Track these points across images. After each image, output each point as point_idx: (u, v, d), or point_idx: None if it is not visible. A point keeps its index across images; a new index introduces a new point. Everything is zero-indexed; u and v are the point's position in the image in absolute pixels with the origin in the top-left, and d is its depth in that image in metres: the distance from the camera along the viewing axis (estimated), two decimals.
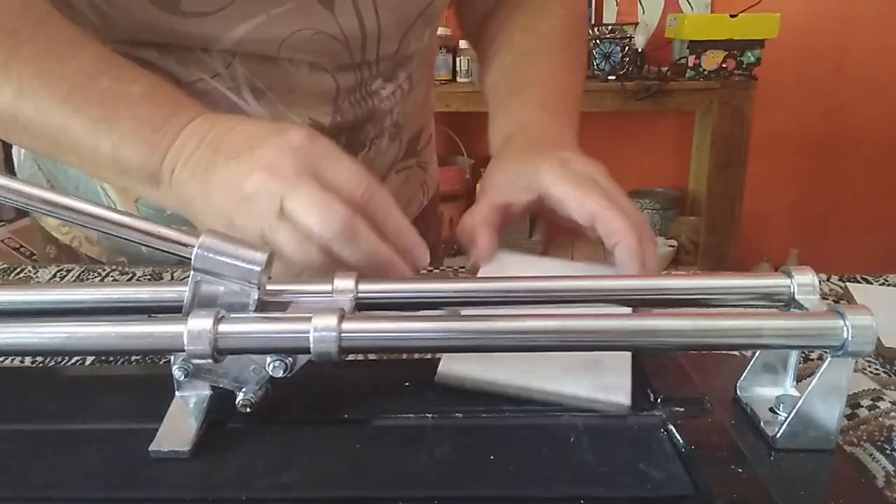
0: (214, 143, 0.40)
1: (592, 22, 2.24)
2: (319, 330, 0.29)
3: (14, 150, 0.69)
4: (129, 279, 0.57)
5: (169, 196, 0.41)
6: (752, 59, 2.04)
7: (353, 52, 0.54)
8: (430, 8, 0.56)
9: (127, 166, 0.41)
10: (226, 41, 0.49)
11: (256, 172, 0.37)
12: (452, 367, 0.36)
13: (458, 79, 2.22)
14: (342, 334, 0.29)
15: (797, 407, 0.31)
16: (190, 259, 0.32)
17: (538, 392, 0.35)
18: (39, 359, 0.43)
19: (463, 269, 0.44)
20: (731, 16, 2.02)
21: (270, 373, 0.32)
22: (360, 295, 0.34)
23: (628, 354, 0.37)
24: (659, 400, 0.35)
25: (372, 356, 0.41)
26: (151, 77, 0.43)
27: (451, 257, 1.73)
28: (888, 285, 0.55)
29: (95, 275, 0.58)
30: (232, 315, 0.30)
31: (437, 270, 0.61)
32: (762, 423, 0.32)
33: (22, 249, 1.98)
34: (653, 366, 0.37)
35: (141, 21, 0.47)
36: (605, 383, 0.35)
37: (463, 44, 2.14)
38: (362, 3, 0.51)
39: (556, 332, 0.29)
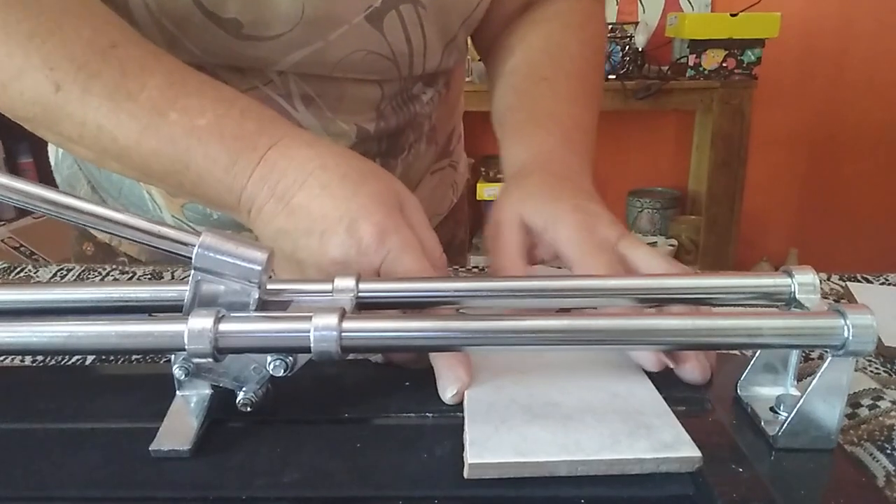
0: (285, 200, 0.39)
1: None
2: (320, 329, 0.29)
3: (51, 149, 0.68)
4: (130, 279, 0.57)
5: (253, 227, 0.42)
6: (753, 58, 2.04)
7: (400, 68, 0.55)
8: (470, 18, 0.57)
9: (210, 201, 0.43)
10: (283, 64, 0.51)
11: (326, 268, 0.38)
12: (483, 455, 0.29)
13: None
14: (343, 333, 0.29)
15: (798, 406, 0.31)
16: (191, 258, 0.32)
17: (595, 464, 0.30)
18: (39, 358, 0.43)
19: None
20: (732, 15, 2.02)
21: (271, 372, 0.32)
22: (360, 294, 0.34)
23: (667, 408, 0.33)
24: None
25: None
26: (216, 100, 0.42)
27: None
28: (888, 284, 0.55)
29: (96, 274, 0.58)
30: (232, 314, 0.30)
31: (462, 270, 0.60)
32: (763, 423, 0.32)
33: (22, 249, 1.98)
34: None
35: (204, 42, 0.48)
36: (664, 440, 0.30)
37: None
38: (409, 19, 0.52)
39: (556, 332, 0.29)
